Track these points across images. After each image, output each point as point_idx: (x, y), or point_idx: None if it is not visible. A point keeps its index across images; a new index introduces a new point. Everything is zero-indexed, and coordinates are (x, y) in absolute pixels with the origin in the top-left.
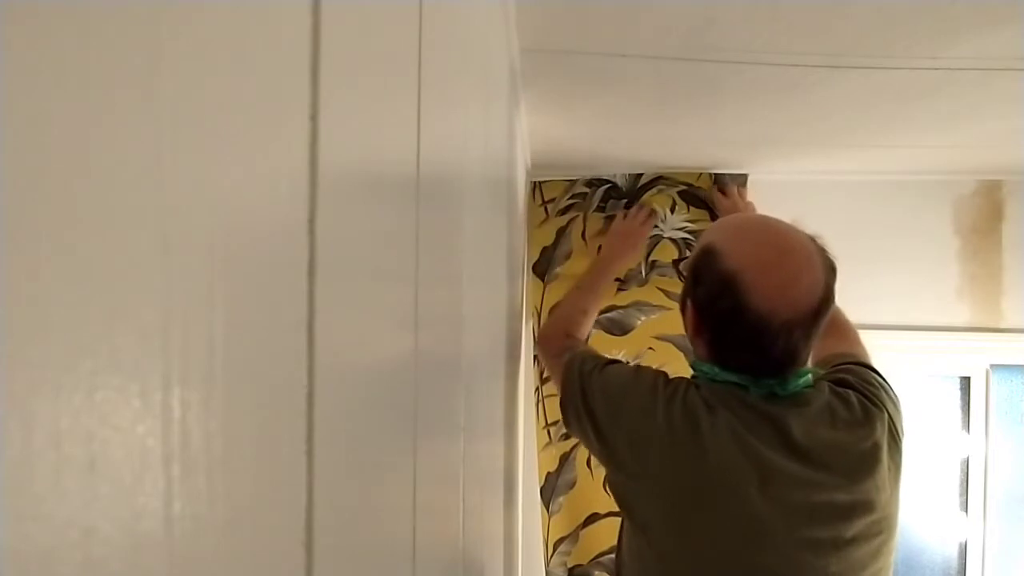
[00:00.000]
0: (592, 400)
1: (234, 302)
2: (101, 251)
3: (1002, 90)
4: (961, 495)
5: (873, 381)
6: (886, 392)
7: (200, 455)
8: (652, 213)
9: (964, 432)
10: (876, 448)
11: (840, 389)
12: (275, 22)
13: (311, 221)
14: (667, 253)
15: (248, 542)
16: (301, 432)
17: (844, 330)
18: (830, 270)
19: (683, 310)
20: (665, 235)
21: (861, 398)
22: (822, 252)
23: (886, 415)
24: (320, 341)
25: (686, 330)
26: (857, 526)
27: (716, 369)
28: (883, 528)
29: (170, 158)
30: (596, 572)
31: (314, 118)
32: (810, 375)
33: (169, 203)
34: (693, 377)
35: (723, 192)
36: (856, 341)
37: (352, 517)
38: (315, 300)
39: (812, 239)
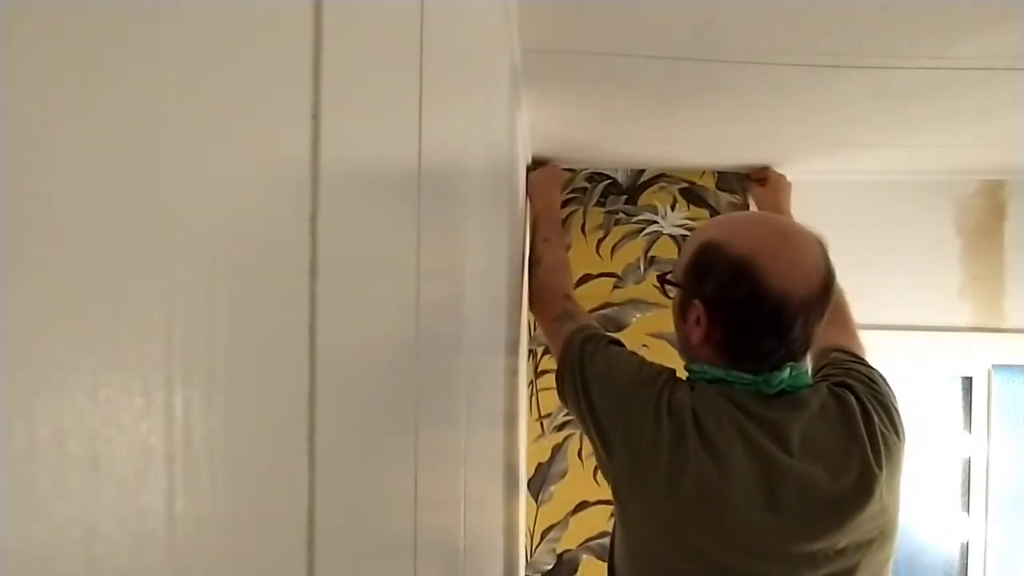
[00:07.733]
0: (591, 383)
1: (236, 301)
2: (103, 250)
3: (1004, 90)
4: (963, 495)
5: (876, 379)
6: (887, 391)
7: (202, 454)
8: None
9: (966, 432)
10: (874, 448)
11: (839, 390)
12: (277, 21)
13: (313, 220)
14: (666, 249)
15: (250, 540)
16: (303, 430)
17: (844, 320)
18: (823, 245)
19: (682, 318)
20: (665, 231)
21: (860, 400)
22: (810, 229)
23: (886, 416)
24: (322, 339)
25: (687, 341)
26: (852, 529)
27: (720, 371)
28: (882, 528)
29: (172, 157)
30: (584, 556)
31: (316, 117)
32: (809, 377)
33: (171, 202)
34: (689, 380)
35: (758, 180)
36: (854, 334)
37: (354, 514)
38: (317, 298)
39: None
